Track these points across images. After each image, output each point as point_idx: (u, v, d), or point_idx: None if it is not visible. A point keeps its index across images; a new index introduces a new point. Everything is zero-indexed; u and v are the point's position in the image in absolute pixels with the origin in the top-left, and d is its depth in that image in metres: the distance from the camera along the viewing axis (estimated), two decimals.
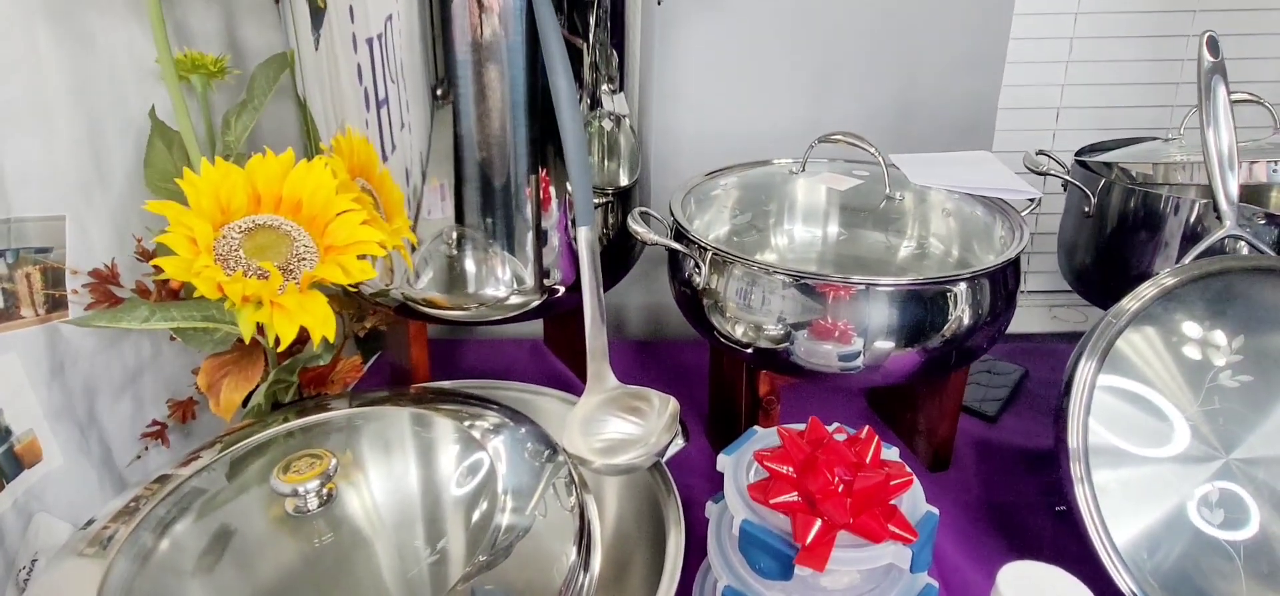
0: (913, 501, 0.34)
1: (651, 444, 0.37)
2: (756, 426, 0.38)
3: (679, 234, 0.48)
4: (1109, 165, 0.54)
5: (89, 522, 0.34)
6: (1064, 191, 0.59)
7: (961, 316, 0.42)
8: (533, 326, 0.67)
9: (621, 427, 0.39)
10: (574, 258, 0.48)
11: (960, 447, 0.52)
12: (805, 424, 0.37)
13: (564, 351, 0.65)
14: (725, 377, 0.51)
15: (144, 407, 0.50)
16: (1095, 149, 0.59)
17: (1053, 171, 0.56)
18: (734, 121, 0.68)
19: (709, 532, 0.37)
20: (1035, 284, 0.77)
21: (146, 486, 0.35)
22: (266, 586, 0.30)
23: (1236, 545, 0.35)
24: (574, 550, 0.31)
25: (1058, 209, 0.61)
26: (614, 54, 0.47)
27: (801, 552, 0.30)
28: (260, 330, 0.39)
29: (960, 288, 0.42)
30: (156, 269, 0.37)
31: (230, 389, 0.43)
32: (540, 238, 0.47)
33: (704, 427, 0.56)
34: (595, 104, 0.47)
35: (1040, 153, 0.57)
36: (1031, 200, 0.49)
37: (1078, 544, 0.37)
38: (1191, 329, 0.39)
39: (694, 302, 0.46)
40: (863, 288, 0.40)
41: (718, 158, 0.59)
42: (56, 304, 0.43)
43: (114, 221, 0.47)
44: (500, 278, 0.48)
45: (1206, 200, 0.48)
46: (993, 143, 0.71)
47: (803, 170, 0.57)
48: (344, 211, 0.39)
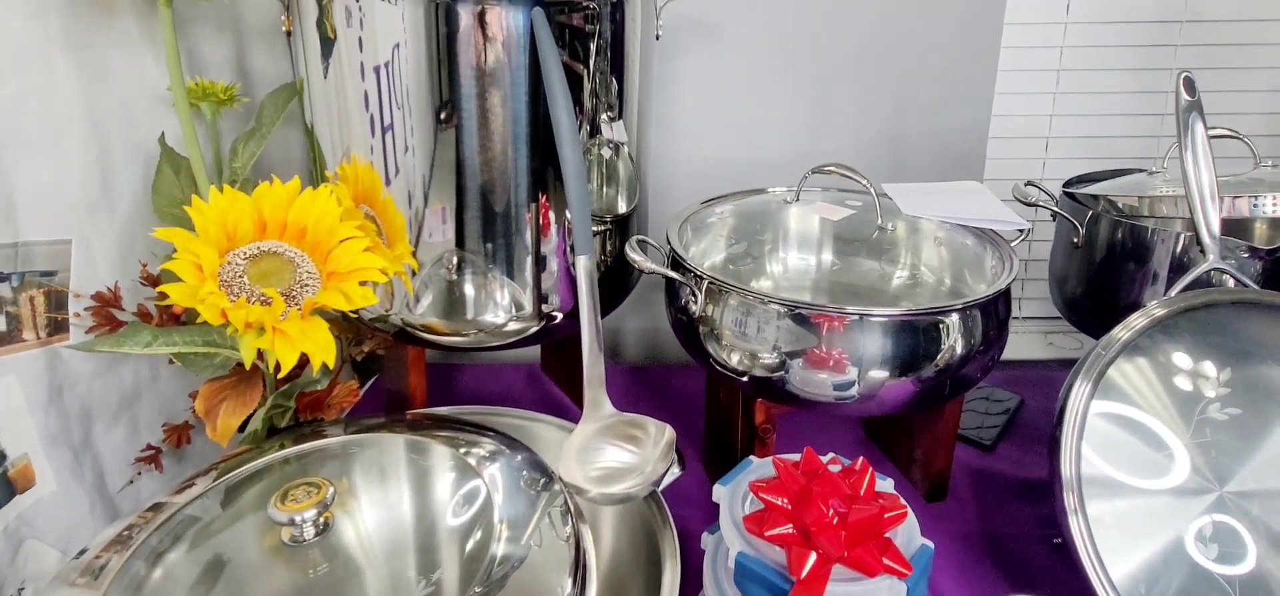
0: (908, 534, 0.34)
1: (647, 473, 0.37)
2: (752, 456, 0.39)
3: (675, 262, 0.48)
4: (1095, 197, 0.55)
5: (82, 552, 0.33)
6: (1054, 221, 0.60)
7: (954, 346, 0.42)
8: (530, 351, 0.68)
9: (618, 456, 0.39)
10: (572, 283, 0.49)
11: (957, 477, 0.53)
12: (800, 454, 0.37)
13: (561, 377, 0.65)
14: (722, 405, 0.51)
15: (139, 431, 0.49)
16: (1083, 180, 0.60)
17: (1041, 203, 0.57)
18: (730, 149, 0.69)
19: (705, 564, 0.37)
20: (1031, 310, 0.78)
21: (140, 515, 0.35)
22: None
23: (1232, 580, 0.35)
24: (569, 581, 0.31)
25: (1050, 236, 0.62)
26: (614, 82, 0.48)
27: (797, 586, 0.30)
28: (260, 355, 0.40)
29: (952, 318, 0.42)
30: (160, 294, 0.37)
31: (228, 414, 0.43)
32: (539, 263, 0.48)
33: (700, 455, 0.56)
34: (595, 131, 0.48)
35: (1029, 183, 0.58)
36: (1021, 230, 0.50)
37: (1076, 576, 0.36)
38: (1182, 360, 0.40)
39: (690, 330, 0.47)
40: (856, 318, 0.41)
41: (714, 185, 0.60)
42: (58, 327, 0.44)
43: (119, 244, 0.47)
44: (499, 303, 0.48)
45: (1191, 232, 0.49)
46: (985, 171, 0.72)
47: (797, 199, 0.58)
48: (347, 238, 0.39)
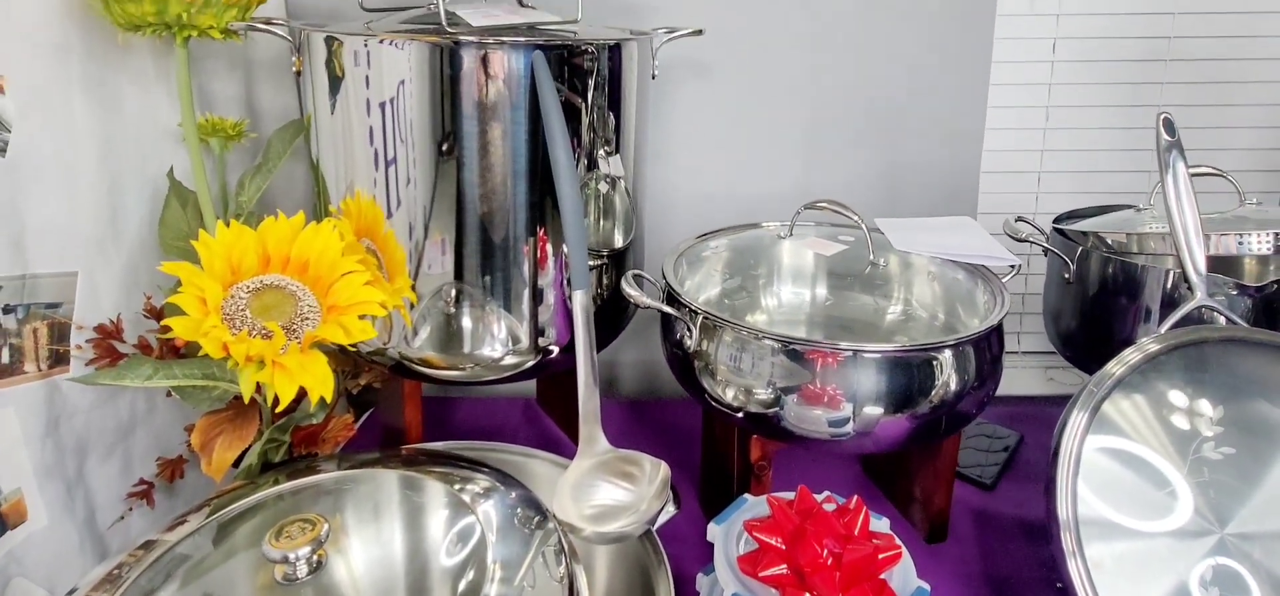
0: (903, 575, 0.34)
1: (642, 511, 0.37)
2: (747, 494, 0.39)
3: (671, 297, 0.49)
4: (1085, 233, 0.56)
5: (71, 592, 0.33)
6: (1046, 256, 0.61)
7: (948, 382, 0.43)
8: (526, 385, 0.68)
9: (612, 493, 0.39)
10: (569, 317, 0.49)
11: (958, 517, 0.52)
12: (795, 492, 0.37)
13: (557, 411, 0.65)
14: (717, 441, 0.51)
15: (133, 465, 0.49)
16: (1073, 216, 0.61)
17: (1031, 238, 0.58)
18: (725, 185, 0.70)
19: None
20: (1030, 344, 0.78)
21: (131, 553, 0.35)
22: None
23: None
24: None
25: (1044, 270, 0.63)
26: (611, 118, 0.49)
27: None
28: (258, 389, 0.40)
29: (946, 354, 0.43)
30: (163, 327, 0.37)
31: (223, 448, 0.42)
32: (536, 296, 0.48)
33: (696, 490, 0.56)
34: (592, 166, 0.49)
35: (1020, 219, 0.59)
36: (1012, 266, 0.51)
37: None
38: (1177, 397, 0.40)
39: (686, 365, 0.47)
40: (850, 354, 0.41)
41: (709, 219, 0.60)
42: (59, 359, 0.44)
43: (123, 276, 0.48)
44: (496, 336, 0.48)
45: (1181, 269, 0.49)
46: (977, 206, 0.73)
47: (790, 234, 0.58)
48: (349, 272, 0.40)
